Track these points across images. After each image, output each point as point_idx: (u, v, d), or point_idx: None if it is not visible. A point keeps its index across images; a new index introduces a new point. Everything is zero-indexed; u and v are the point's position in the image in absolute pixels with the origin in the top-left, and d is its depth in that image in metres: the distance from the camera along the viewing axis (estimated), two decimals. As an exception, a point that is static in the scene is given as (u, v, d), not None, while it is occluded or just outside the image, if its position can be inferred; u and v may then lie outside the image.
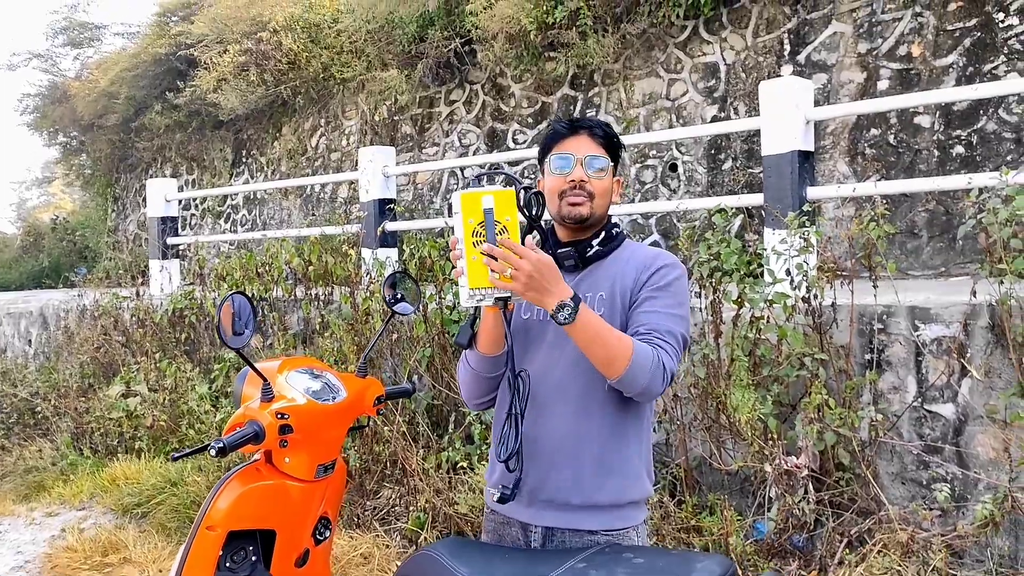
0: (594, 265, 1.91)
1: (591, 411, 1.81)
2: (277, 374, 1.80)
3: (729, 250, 3.35)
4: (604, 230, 1.92)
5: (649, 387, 1.70)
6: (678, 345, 1.78)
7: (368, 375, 1.99)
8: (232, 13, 9.10)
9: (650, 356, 1.69)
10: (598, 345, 1.67)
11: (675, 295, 1.83)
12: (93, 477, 4.87)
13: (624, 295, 1.84)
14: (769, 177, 4.01)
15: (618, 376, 1.69)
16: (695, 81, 6.65)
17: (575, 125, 1.90)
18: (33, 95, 12.38)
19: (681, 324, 1.80)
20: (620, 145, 1.94)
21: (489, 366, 1.86)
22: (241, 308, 1.67)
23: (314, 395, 1.79)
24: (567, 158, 1.86)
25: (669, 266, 1.86)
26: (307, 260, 5.31)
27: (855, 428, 3.43)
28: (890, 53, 5.72)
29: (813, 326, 3.47)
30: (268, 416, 1.65)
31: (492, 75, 7.87)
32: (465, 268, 1.60)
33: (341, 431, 1.86)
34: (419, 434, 4.14)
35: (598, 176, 1.86)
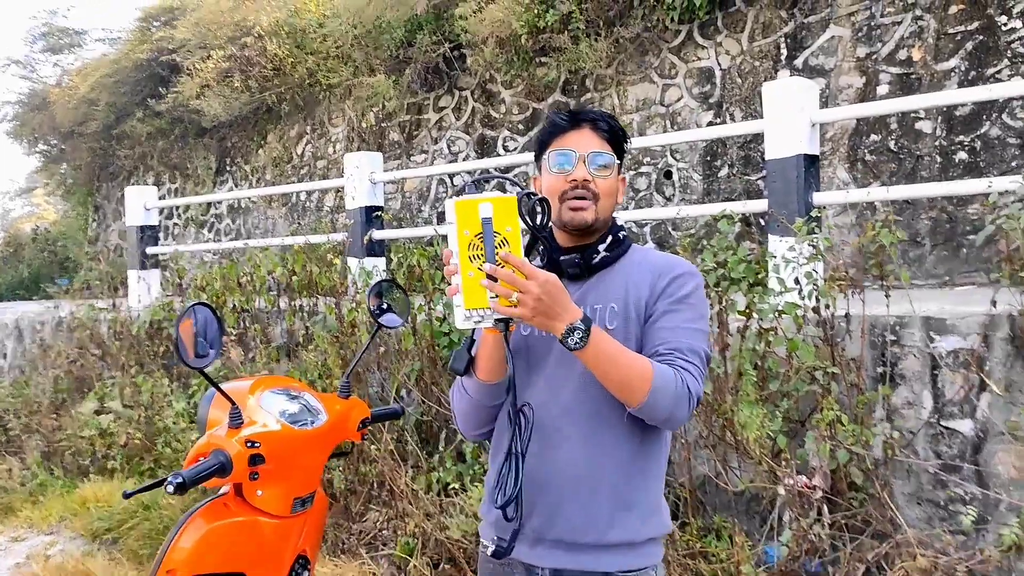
0: (601, 273, 1.71)
1: (604, 438, 1.61)
2: (248, 395, 1.60)
3: (736, 258, 3.17)
4: (610, 234, 1.72)
5: (673, 415, 1.51)
6: (702, 365, 1.59)
7: (352, 395, 1.79)
8: (215, 18, 8.90)
9: (673, 380, 1.51)
10: (614, 371, 1.49)
11: (695, 307, 1.64)
12: (63, 499, 4.63)
13: (639, 307, 1.65)
14: (773, 182, 3.84)
15: (638, 404, 1.50)
16: (690, 86, 6.50)
17: (576, 117, 1.70)
18: (12, 102, 12.13)
19: (703, 340, 1.62)
20: (625, 139, 1.74)
21: (489, 394, 1.66)
22: (206, 323, 1.46)
23: (290, 419, 1.59)
24: (568, 154, 1.66)
25: (687, 274, 1.67)
26: (291, 270, 5.10)
27: (868, 446, 3.26)
28: (890, 57, 5.59)
29: (824, 338, 3.29)
30: (236, 445, 1.44)
31: (482, 81, 7.70)
32: (461, 286, 1.41)
33: (321, 459, 1.65)
34: (408, 452, 3.93)
35: (603, 175, 1.67)
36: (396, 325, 1.90)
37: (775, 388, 3.36)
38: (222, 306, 5.10)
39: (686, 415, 1.54)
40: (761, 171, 6.05)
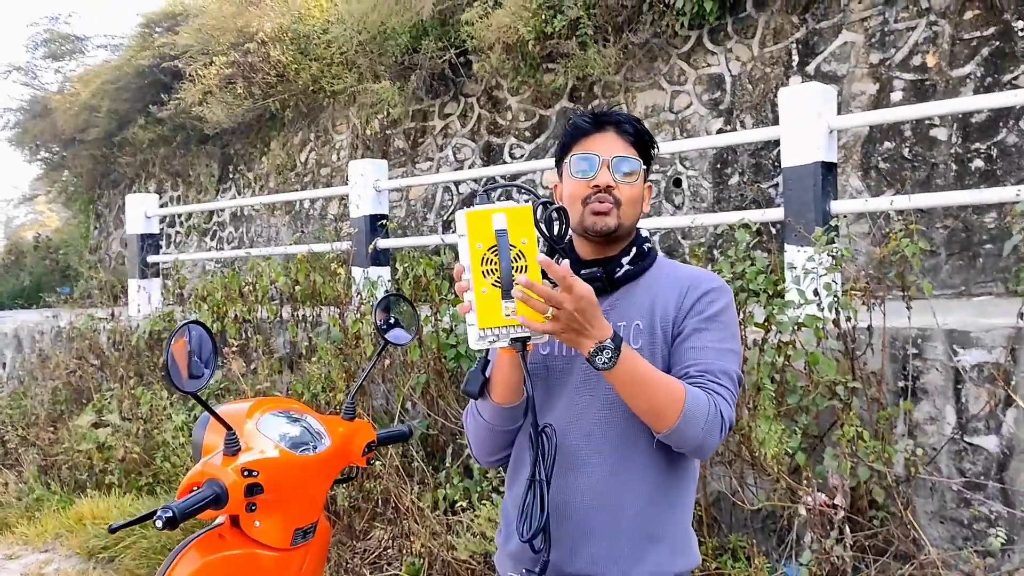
0: (625, 288, 1.60)
1: (630, 466, 1.50)
2: (246, 419, 1.49)
3: (755, 269, 3.06)
4: (635, 245, 1.62)
5: (704, 442, 1.41)
6: (735, 388, 1.48)
7: (357, 416, 1.68)
8: (218, 23, 8.81)
9: (705, 405, 1.40)
10: (642, 394, 1.38)
11: (726, 326, 1.53)
12: (60, 515, 4.51)
13: (666, 325, 1.54)
14: (790, 190, 3.74)
15: (667, 430, 1.39)
16: (699, 93, 6.40)
17: (600, 120, 1.60)
18: (14, 109, 12.04)
19: (735, 361, 1.51)
20: (653, 144, 1.63)
21: (506, 418, 1.55)
22: (200, 342, 1.36)
23: (291, 445, 1.48)
24: (591, 159, 1.56)
25: (716, 290, 1.56)
26: (294, 279, 4.99)
27: (890, 463, 3.14)
28: (904, 63, 5.49)
29: (844, 351, 3.18)
30: (232, 474, 1.33)
31: (488, 87, 7.60)
32: (474, 303, 1.30)
33: (324, 486, 1.54)
34: (414, 468, 3.81)
35: (627, 181, 1.57)
36: (404, 342, 1.78)
37: (793, 403, 3.25)
38: (223, 316, 4.99)
39: (717, 442, 1.43)
40: (772, 179, 5.95)
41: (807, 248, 3.53)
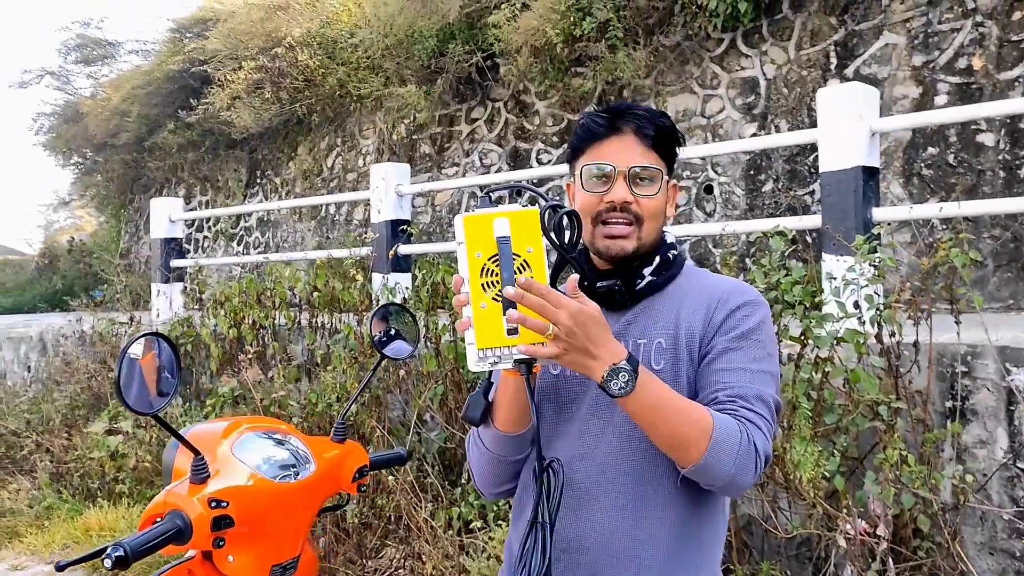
0: (646, 301, 1.41)
1: (649, 501, 1.32)
2: (221, 440, 1.34)
3: (791, 279, 2.86)
4: (658, 253, 1.43)
5: (736, 478, 1.22)
6: (771, 416, 1.29)
7: (347, 438, 1.52)
8: (247, 28, 8.78)
9: (736, 437, 1.22)
10: (664, 423, 1.20)
11: (762, 345, 1.34)
12: (69, 524, 4.42)
13: (692, 343, 1.35)
14: (828, 196, 3.53)
15: (692, 464, 1.22)
16: (732, 97, 6.19)
17: (616, 120, 1.39)
18: (48, 114, 12.14)
19: (772, 384, 1.33)
20: (677, 141, 1.43)
21: (511, 447, 1.38)
22: (165, 357, 1.21)
23: (270, 471, 1.32)
24: (605, 167, 1.37)
25: (751, 304, 1.37)
26: (312, 285, 4.87)
27: (936, 489, 2.93)
28: (948, 66, 5.24)
29: (887, 368, 2.97)
30: (197, 505, 1.18)
31: (515, 92, 7.46)
32: (472, 320, 1.14)
33: (306, 517, 1.39)
34: (428, 484, 3.66)
35: (648, 194, 1.37)
36: (403, 356, 1.62)
37: (831, 422, 3.04)
38: (241, 322, 4.88)
39: (751, 479, 1.24)
40: (808, 186, 5.73)
41: (846, 257, 3.32)
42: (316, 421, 4.09)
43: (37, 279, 15.10)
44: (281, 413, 4.24)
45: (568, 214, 1.21)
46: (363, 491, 1.46)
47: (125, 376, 1.13)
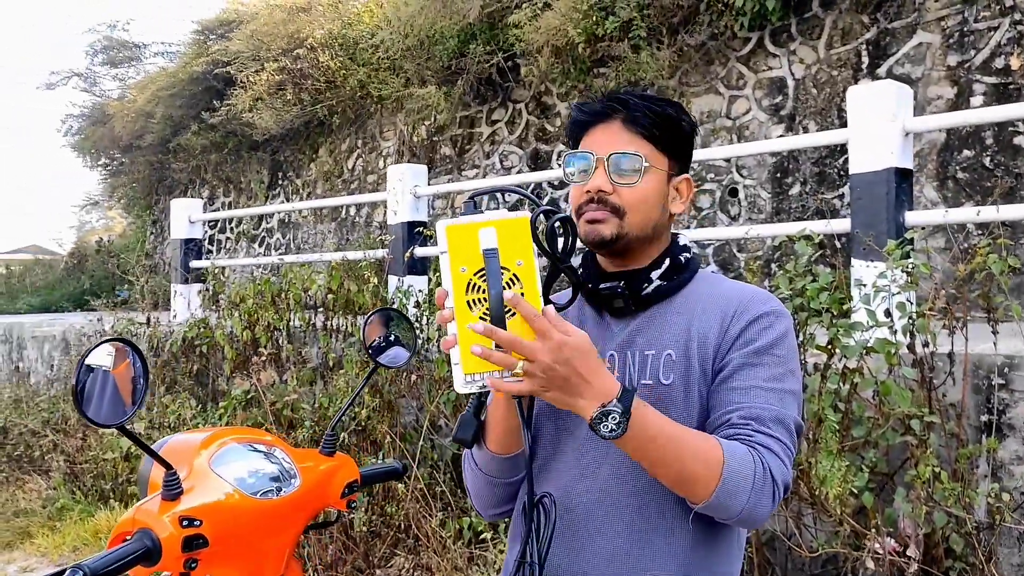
0: (655, 308, 1.29)
1: (657, 528, 1.21)
2: (198, 451, 1.25)
3: (817, 286, 2.73)
4: (668, 255, 1.31)
5: (752, 512, 1.12)
6: (791, 440, 1.18)
7: (337, 451, 1.42)
8: (270, 29, 8.77)
9: (750, 467, 1.11)
10: (667, 461, 1.10)
11: (782, 360, 1.22)
12: (80, 526, 4.38)
13: (705, 356, 1.24)
14: (859, 199, 3.39)
15: (703, 501, 1.11)
16: (759, 98, 6.05)
17: (602, 107, 1.29)
18: (76, 116, 12.24)
19: (792, 404, 1.21)
20: (680, 130, 1.30)
21: (505, 470, 1.28)
22: (133, 363, 1.12)
23: (250, 486, 1.23)
24: (586, 157, 1.27)
25: (771, 314, 1.25)
26: (328, 287, 4.80)
27: (970, 507, 2.78)
28: (985, 66, 5.07)
29: (920, 380, 2.82)
30: (167, 524, 1.09)
31: (536, 93, 7.36)
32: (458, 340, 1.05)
33: (289, 536, 1.29)
34: (439, 492, 3.56)
35: (628, 182, 1.25)
36: (399, 364, 1.53)
37: (860, 435, 2.90)
38: (255, 323, 4.82)
39: (769, 510, 1.13)
40: (837, 189, 5.57)
41: (877, 263, 3.18)
42: (328, 425, 4.01)
43: (66, 279, 15.23)
44: (293, 417, 4.17)
45: (562, 220, 1.10)
46: (352, 507, 1.36)
47: (87, 385, 1.05)
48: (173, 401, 4.71)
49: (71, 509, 4.72)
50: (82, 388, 1.05)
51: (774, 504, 1.13)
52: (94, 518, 4.43)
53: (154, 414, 4.79)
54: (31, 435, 5.88)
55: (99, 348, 1.08)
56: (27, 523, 4.67)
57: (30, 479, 5.43)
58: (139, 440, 1.10)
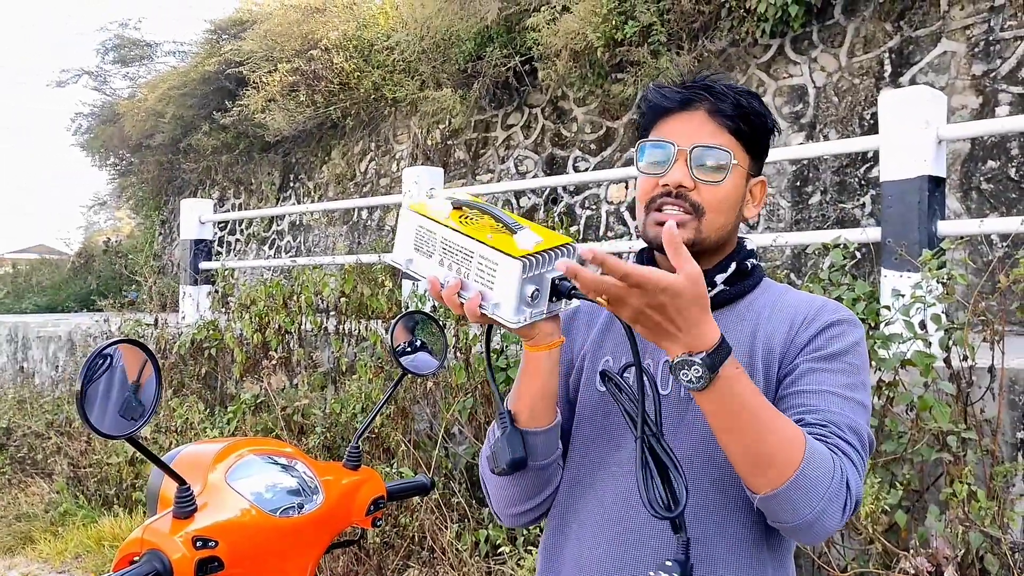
0: (718, 314, 1.19)
1: (714, 547, 1.12)
2: (213, 464, 1.15)
3: (853, 294, 2.63)
4: (734, 260, 1.22)
5: (819, 519, 1.00)
6: (866, 452, 1.08)
7: (362, 465, 1.33)
8: (284, 30, 8.72)
9: (830, 468, 1.01)
10: (745, 435, 0.99)
11: (856, 370, 1.12)
12: (83, 531, 4.29)
13: (770, 365, 1.14)
14: (890, 208, 3.29)
15: (772, 491, 1.00)
16: (779, 105, 5.95)
17: (688, 94, 1.18)
18: (85, 114, 12.21)
19: (864, 416, 1.10)
20: (766, 127, 1.21)
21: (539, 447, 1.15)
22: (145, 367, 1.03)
23: (270, 503, 1.13)
24: (664, 147, 1.16)
25: (843, 323, 1.15)
26: (340, 290, 4.72)
27: (1006, 527, 2.67)
28: (1011, 76, 4.97)
29: (956, 395, 2.72)
30: (179, 544, 1.00)
31: (553, 97, 7.28)
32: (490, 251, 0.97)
33: (311, 555, 1.19)
34: (455, 503, 3.46)
35: (712, 180, 1.15)
36: (426, 371, 1.43)
37: (892, 450, 2.80)
38: (266, 326, 4.74)
39: (837, 524, 1.02)
40: (858, 198, 5.47)
41: (910, 273, 3.08)
42: (340, 432, 3.93)
43: (72, 279, 15.19)
44: (304, 422, 4.09)
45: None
46: (378, 525, 1.26)
47: (93, 391, 0.95)
48: (180, 404, 4.63)
49: (74, 514, 4.63)
50: (88, 394, 0.95)
51: (843, 518, 1.03)
52: (97, 524, 4.33)
53: (160, 418, 4.71)
54: (35, 437, 5.80)
55: (107, 350, 0.99)
56: (29, 528, 4.58)
57: (33, 482, 5.34)
58: (150, 453, 1.01)
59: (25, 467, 5.66)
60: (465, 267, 0.98)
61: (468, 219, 1.00)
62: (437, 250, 1.00)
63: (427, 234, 1.01)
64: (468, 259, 0.98)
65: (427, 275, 1.02)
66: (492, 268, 0.96)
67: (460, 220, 1.01)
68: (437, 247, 1.00)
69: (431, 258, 1.01)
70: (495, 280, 0.96)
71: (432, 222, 1.00)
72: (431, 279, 1.01)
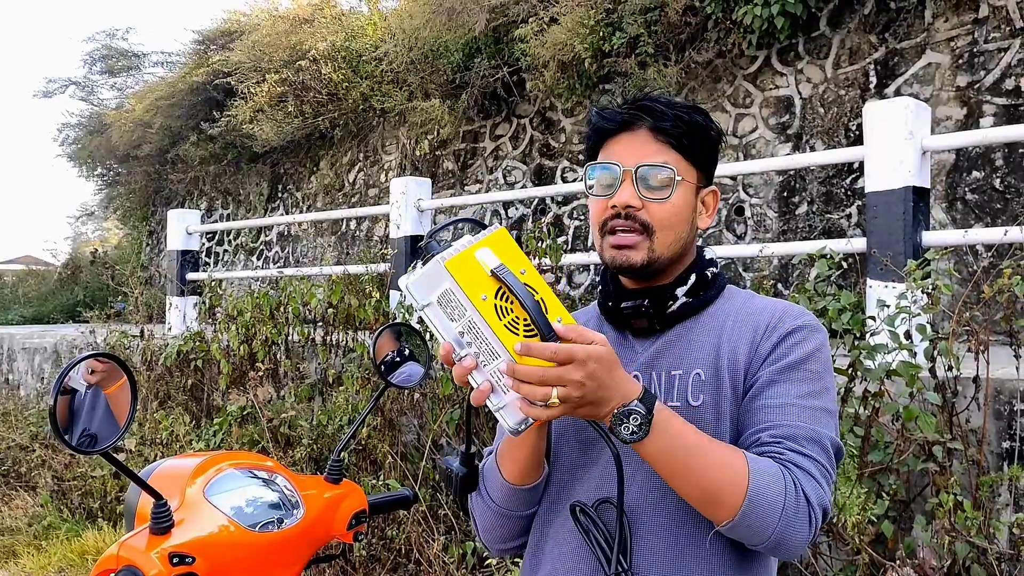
0: (681, 327, 1.21)
1: (687, 563, 1.12)
2: (192, 479, 1.14)
3: (839, 305, 2.63)
4: (694, 271, 1.22)
5: (783, 537, 1.01)
6: (828, 461, 1.08)
7: (344, 478, 1.32)
8: (272, 41, 8.71)
9: (780, 486, 1.02)
10: (689, 474, 1.02)
11: (816, 377, 1.13)
12: (67, 545, 4.24)
13: (736, 375, 1.15)
14: (875, 218, 3.31)
15: (728, 521, 1.02)
16: (766, 116, 5.99)
17: (627, 113, 1.19)
18: (72, 125, 12.14)
19: (828, 423, 1.11)
20: (708, 139, 1.21)
21: (522, 501, 1.19)
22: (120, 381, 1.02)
23: (249, 517, 1.12)
24: (610, 168, 1.18)
25: (804, 329, 1.16)
26: (328, 301, 4.69)
27: (993, 537, 2.68)
28: (995, 87, 5.01)
29: (942, 405, 2.73)
30: (155, 561, 0.98)
31: (541, 108, 7.30)
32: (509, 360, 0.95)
33: (293, 570, 1.18)
34: (442, 515, 3.44)
35: (659, 197, 1.16)
36: (412, 383, 1.42)
37: (877, 460, 2.81)
38: (253, 337, 4.71)
39: (805, 537, 1.03)
40: (844, 209, 5.50)
41: (895, 284, 3.09)
42: (327, 444, 3.91)
43: (59, 290, 15.08)
44: (291, 434, 4.06)
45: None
46: (360, 539, 1.25)
47: (67, 406, 0.94)
48: (166, 417, 4.58)
49: (58, 528, 4.58)
50: (62, 410, 0.94)
51: (811, 530, 1.03)
52: (81, 538, 4.28)
53: (146, 430, 4.67)
54: (19, 450, 5.74)
55: (81, 365, 0.98)
56: (12, 541, 4.52)
57: (16, 495, 5.28)
58: (125, 468, 1.00)
59: (9, 480, 5.60)
60: (486, 357, 0.97)
61: (502, 309, 0.97)
62: (462, 323, 0.98)
63: (456, 303, 0.97)
64: (492, 357, 0.96)
65: (444, 337, 0.99)
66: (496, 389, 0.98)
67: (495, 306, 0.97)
68: (463, 321, 0.97)
69: (453, 322, 0.98)
70: (509, 389, 0.97)
71: (465, 297, 0.96)
72: (447, 346, 0.99)
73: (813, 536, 1.03)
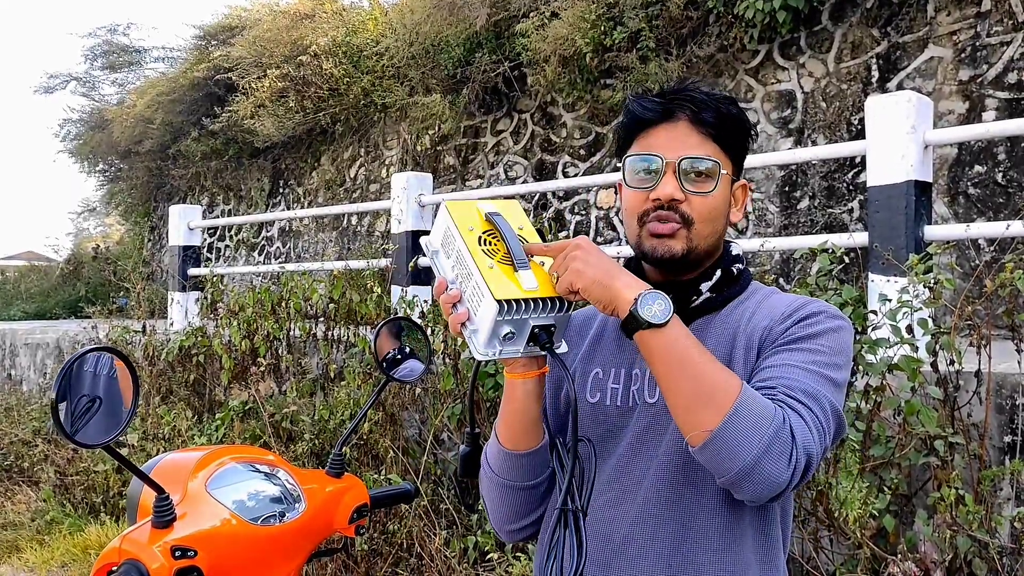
0: (703, 320, 1.20)
1: (697, 557, 1.11)
2: (194, 473, 1.14)
3: (840, 299, 2.63)
4: (720, 266, 1.22)
5: (759, 465, 0.97)
6: (824, 416, 1.05)
7: (346, 472, 1.32)
8: (273, 36, 8.70)
9: (769, 413, 0.99)
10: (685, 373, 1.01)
11: (826, 351, 1.11)
12: (69, 540, 4.25)
13: (750, 352, 1.15)
14: (876, 212, 3.30)
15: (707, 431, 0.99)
16: (768, 111, 5.98)
17: (670, 104, 1.17)
18: (74, 121, 12.13)
19: (830, 389, 1.09)
20: (745, 132, 1.21)
21: (522, 469, 1.18)
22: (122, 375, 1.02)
23: (251, 511, 1.12)
24: (651, 159, 1.16)
25: (821, 314, 1.15)
26: (329, 296, 4.70)
27: (994, 531, 2.68)
28: (997, 81, 5.00)
29: (944, 399, 2.73)
30: (158, 555, 0.99)
31: (542, 103, 7.29)
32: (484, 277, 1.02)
33: (293, 564, 1.18)
34: (444, 509, 3.45)
35: (701, 191, 1.15)
36: (413, 378, 1.43)
37: (879, 454, 2.81)
38: (254, 332, 4.71)
39: (783, 476, 0.98)
40: (846, 203, 5.49)
41: (897, 278, 3.09)
42: (328, 438, 3.91)
43: (61, 285, 15.09)
44: (293, 429, 4.07)
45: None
46: (361, 533, 1.26)
47: (70, 400, 0.94)
48: (168, 412, 4.59)
49: (61, 523, 4.59)
50: (64, 404, 0.94)
51: (791, 468, 0.98)
52: (84, 533, 4.30)
53: (148, 425, 4.67)
54: (22, 445, 5.76)
55: (83, 359, 0.98)
56: (15, 536, 4.53)
57: (19, 490, 5.30)
58: (127, 461, 1.00)
59: (12, 475, 5.62)
60: (466, 284, 1.05)
61: (487, 240, 1.06)
62: (453, 257, 1.07)
63: (451, 239, 1.07)
64: (468, 279, 1.04)
65: (441, 273, 1.09)
66: (480, 298, 1.02)
67: (480, 239, 1.06)
68: (454, 254, 1.06)
69: (449, 259, 1.08)
70: (479, 310, 1.02)
71: (456, 230, 1.06)
72: (440, 280, 1.09)
73: (791, 483, 0.99)
